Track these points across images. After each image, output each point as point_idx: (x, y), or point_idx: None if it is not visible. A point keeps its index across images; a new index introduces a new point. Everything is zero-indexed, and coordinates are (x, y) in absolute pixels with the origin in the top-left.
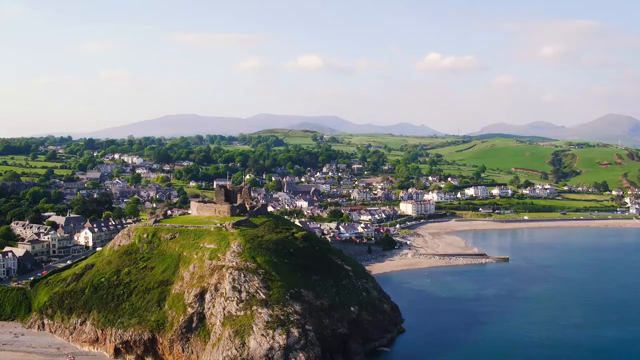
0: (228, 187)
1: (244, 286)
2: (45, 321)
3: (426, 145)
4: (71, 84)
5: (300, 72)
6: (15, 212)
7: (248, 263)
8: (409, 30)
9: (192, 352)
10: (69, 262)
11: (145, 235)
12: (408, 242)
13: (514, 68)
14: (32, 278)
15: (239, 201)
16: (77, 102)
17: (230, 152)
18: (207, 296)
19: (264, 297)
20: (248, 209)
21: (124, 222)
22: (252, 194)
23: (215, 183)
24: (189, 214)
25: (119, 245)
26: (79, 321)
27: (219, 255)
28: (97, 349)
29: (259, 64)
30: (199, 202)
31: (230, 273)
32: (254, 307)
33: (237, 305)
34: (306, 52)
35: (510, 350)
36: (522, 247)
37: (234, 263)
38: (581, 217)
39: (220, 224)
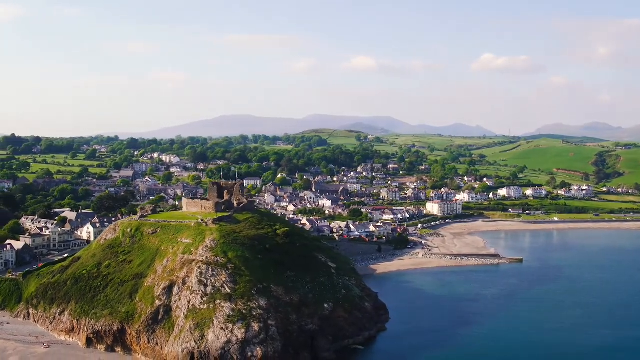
0: (221, 184)
1: (211, 280)
2: (30, 311)
3: (472, 146)
4: (126, 85)
5: (353, 73)
6: (35, 208)
7: (218, 258)
8: (462, 30)
9: (157, 344)
10: (66, 255)
11: (129, 230)
12: (423, 242)
13: (569, 68)
14: (26, 270)
15: (227, 197)
16: (132, 103)
17: (266, 152)
18: (175, 289)
19: (229, 291)
20: (236, 205)
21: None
22: (279, 192)
23: (245, 182)
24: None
25: (105, 239)
26: (58, 311)
27: (192, 249)
28: (72, 338)
29: (312, 65)
30: (189, 198)
31: (199, 267)
32: (218, 301)
33: (202, 299)
34: (359, 53)
35: (489, 351)
36: (543, 248)
37: (204, 257)
38: (613, 219)
39: (202, 220)
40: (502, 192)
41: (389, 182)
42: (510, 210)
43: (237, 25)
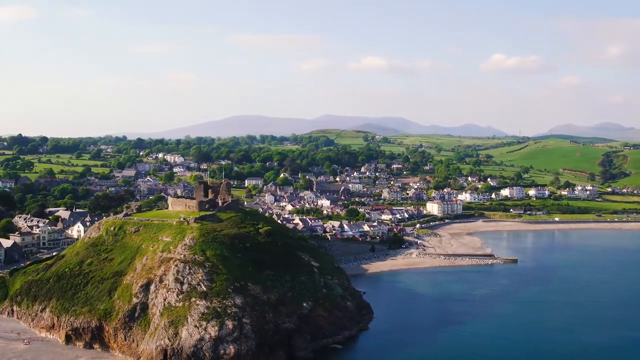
0: (208, 183)
1: (187, 278)
2: (14, 308)
3: (480, 146)
4: (136, 86)
5: (364, 73)
6: (31, 207)
7: (196, 256)
8: (472, 31)
9: (133, 341)
10: (54, 253)
11: (112, 228)
12: (419, 242)
13: (580, 68)
14: (13, 267)
15: (211, 196)
16: (141, 104)
17: (269, 152)
18: (152, 287)
19: (205, 289)
20: (220, 204)
21: None
22: (279, 192)
23: (247, 181)
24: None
25: (89, 237)
26: (40, 308)
27: (171, 248)
28: (52, 335)
29: (322, 65)
30: (173, 197)
31: (176, 265)
32: (193, 299)
33: (177, 297)
34: (369, 54)
35: (471, 350)
36: (541, 248)
37: (182, 255)
38: (615, 220)
39: (184, 218)
40: (505, 192)
41: (392, 182)
42: (511, 210)
43: (246, 25)
